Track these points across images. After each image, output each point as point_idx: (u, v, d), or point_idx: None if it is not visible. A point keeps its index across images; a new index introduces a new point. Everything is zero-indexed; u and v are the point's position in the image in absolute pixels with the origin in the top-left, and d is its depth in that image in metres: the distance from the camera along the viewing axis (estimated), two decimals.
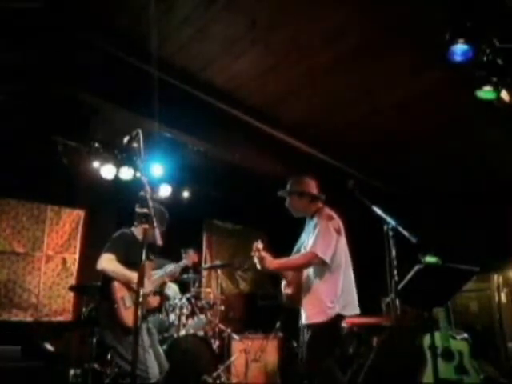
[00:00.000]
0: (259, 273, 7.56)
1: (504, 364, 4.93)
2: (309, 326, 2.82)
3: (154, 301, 3.24)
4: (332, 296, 2.76)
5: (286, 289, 3.06)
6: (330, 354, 2.79)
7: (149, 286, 3.07)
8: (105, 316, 3.00)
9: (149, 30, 3.30)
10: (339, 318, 2.79)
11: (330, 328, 2.76)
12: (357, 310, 2.88)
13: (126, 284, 2.97)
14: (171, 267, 3.47)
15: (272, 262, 2.86)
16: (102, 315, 3.08)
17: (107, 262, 2.98)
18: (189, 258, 3.63)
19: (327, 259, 2.75)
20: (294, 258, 2.95)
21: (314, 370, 2.72)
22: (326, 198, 3.08)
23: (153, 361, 2.93)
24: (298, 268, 2.92)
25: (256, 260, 2.95)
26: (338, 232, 2.88)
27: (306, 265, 2.85)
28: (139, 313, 2.19)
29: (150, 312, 3.28)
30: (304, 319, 2.88)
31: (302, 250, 2.98)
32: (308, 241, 2.92)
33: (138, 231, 3.17)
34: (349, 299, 2.84)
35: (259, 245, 3.02)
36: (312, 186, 3.09)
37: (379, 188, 6.12)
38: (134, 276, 2.79)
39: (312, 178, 3.15)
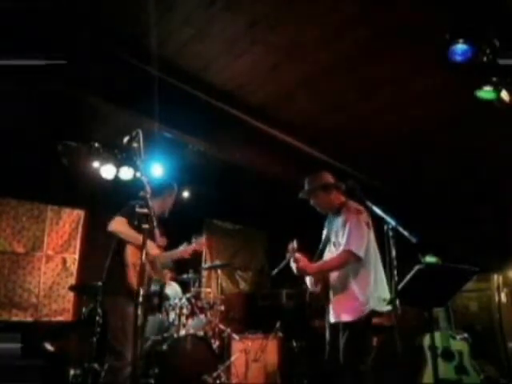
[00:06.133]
0: (259, 273, 7.61)
1: (504, 364, 4.92)
2: (343, 325, 2.76)
3: (166, 274, 3.20)
4: (366, 293, 2.71)
5: (312, 286, 3.01)
6: (367, 353, 2.75)
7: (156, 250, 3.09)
8: (114, 280, 2.97)
9: (149, 30, 3.30)
10: (373, 314, 2.73)
11: (365, 326, 2.70)
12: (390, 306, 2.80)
13: (139, 249, 2.89)
14: (182, 246, 3.51)
15: (311, 267, 2.84)
16: (111, 279, 3.04)
17: (118, 224, 2.99)
18: (199, 243, 3.64)
19: (362, 255, 2.71)
20: (330, 260, 2.88)
21: (354, 369, 2.65)
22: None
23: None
24: (336, 269, 2.85)
25: (292, 261, 2.86)
26: (368, 226, 2.83)
27: (344, 265, 2.78)
28: (139, 313, 2.19)
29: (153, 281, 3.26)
30: (335, 317, 2.82)
31: (332, 248, 2.92)
32: (337, 238, 2.87)
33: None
34: (382, 295, 2.75)
35: (294, 245, 2.92)
36: (331, 178, 3.07)
37: (379, 188, 6.12)
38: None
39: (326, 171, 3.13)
